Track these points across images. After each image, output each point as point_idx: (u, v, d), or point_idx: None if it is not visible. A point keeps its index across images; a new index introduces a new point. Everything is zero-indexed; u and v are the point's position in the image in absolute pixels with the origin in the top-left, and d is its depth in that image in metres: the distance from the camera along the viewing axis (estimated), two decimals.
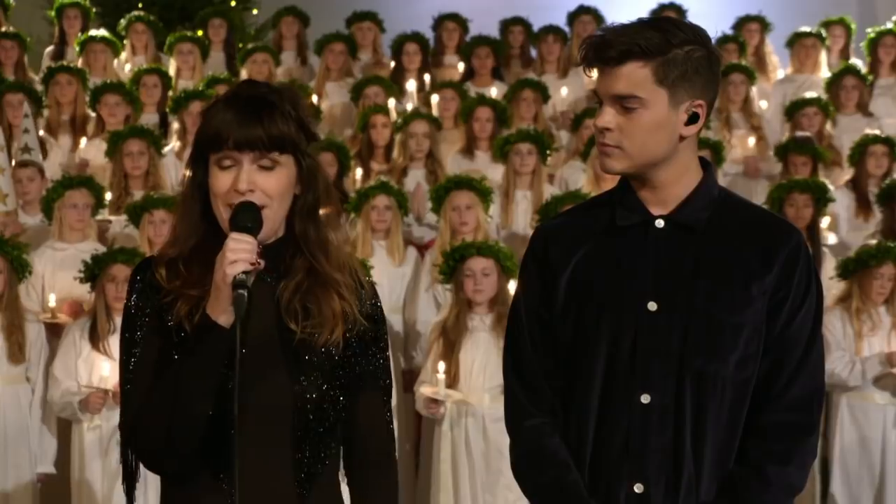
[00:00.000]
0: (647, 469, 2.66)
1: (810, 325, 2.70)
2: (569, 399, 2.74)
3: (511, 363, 2.85)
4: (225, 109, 2.50)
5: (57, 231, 6.72)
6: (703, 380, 2.65)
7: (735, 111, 8.83)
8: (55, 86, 8.73)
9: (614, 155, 2.68)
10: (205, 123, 2.51)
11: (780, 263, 2.67)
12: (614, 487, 2.68)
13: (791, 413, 2.68)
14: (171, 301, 2.51)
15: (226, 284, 2.39)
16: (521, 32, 10.26)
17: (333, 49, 9.70)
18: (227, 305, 2.39)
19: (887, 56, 9.41)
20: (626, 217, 2.73)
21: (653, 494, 2.66)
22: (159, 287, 2.53)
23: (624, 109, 2.64)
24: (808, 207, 6.84)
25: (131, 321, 2.55)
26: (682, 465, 2.65)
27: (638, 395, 2.66)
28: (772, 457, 2.66)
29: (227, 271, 2.38)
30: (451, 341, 5.87)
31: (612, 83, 2.63)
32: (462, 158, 8.24)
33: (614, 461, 2.68)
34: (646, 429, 2.66)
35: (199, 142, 2.53)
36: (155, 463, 2.54)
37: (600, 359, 2.69)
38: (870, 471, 6.14)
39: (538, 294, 2.79)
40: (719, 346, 2.66)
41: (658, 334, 2.66)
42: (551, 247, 2.79)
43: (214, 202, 2.52)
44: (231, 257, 2.38)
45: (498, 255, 5.96)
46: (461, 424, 5.89)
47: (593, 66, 2.66)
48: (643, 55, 2.60)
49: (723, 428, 2.67)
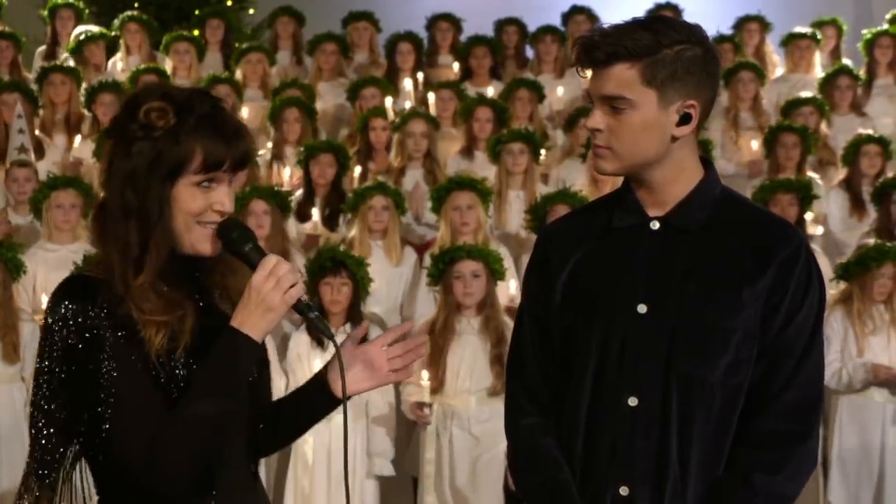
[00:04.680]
0: (633, 472, 2.65)
1: (808, 331, 2.66)
2: (561, 400, 2.74)
3: (512, 363, 2.86)
4: (204, 129, 2.46)
5: (46, 232, 6.72)
6: (690, 384, 2.63)
7: (744, 110, 8.82)
8: (49, 86, 8.75)
9: (605, 156, 2.67)
10: (184, 146, 2.44)
11: (777, 267, 2.63)
12: (601, 489, 2.67)
13: (783, 420, 2.64)
14: (136, 328, 2.43)
15: (286, 307, 2.45)
16: (516, 33, 10.26)
17: (325, 49, 9.70)
18: (272, 326, 2.45)
19: (884, 56, 9.42)
20: (623, 218, 2.73)
21: (638, 497, 2.65)
22: (127, 315, 2.44)
23: (613, 110, 2.63)
24: (793, 206, 6.84)
25: (90, 350, 2.41)
26: (667, 468, 2.63)
27: (626, 397, 2.65)
28: (760, 465, 2.62)
29: (293, 294, 2.44)
30: (439, 344, 5.86)
31: (601, 84, 2.63)
32: (461, 159, 8.24)
33: (602, 463, 2.67)
34: (632, 431, 2.65)
35: (178, 163, 2.45)
36: (174, 488, 2.45)
37: (591, 360, 2.69)
38: (868, 469, 6.14)
39: (538, 295, 2.80)
40: (708, 349, 2.63)
41: (647, 337, 2.65)
42: (551, 249, 2.80)
43: (178, 219, 2.48)
44: (291, 279, 2.44)
45: (487, 257, 5.95)
46: (447, 426, 5.90)
47: (583, 67, 2.66)
48: (630, 56, 2.58)
49: (711, 433, 2.64)
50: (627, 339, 2.66)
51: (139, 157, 2.45)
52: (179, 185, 2.46)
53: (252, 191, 6.79)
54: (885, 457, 6.12)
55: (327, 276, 5.89)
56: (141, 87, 2.53)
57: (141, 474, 2.41)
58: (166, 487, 2.43)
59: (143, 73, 9.02)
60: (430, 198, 7.07)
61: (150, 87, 2.56)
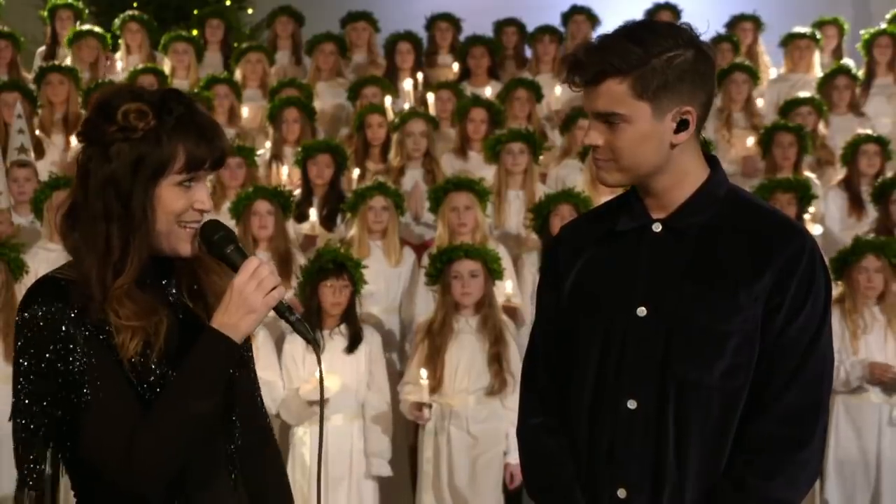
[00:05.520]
0: (630, 475, 2.65)
1: (811, 333, 2.61)
2: (565, 401, 2.75)
3: (526, 374, 2.87)
4: (184, 129, 2.47)
5: (48, 232, 6.72)
6: (686, 387, 2.61)
7: (737, 110, 8.83)
8: (47, 86, 8.75)
9: (607, 168, 2.67)
10: (167, 147, 2.45)
11: (777, 268, 2.60)
12: (599, 491, 2.68)
13: (782, 425, 2.59)
14: (110, 332, 2.43)
15: (267, 309, 2.46)
16: (515, 33, 10.27)
17: (324, 49, 9.71)
18: (252, 328, 2.47)
19: (882, 56, 9.43)
20: (626, 222, 2.72)
21: (635, 500, 2.64)
22: (102, 319, 2.43)
23: (608, 125, 2.62)
24: (792, 206, 6.85)
25: (60, 351, 2.40)
26: (664, 472, 2.62)
27: (624, 400, 2.65)
28: (755, 470, 2.59)
29: (275, 296, 2.46)
30: (437, 343, 5.87)
31: (592, 101, 2.62)
32: (455, 158, 8.25)
33: (601, 465, 2.68)
34: (630, 434, 2.64)
35: (161, 164, 2.46)
36: (151, 488, 2.45)
37: (592, 363, 2.69)
38: (865, 470, 6.14)
39: (549, 305, 2.82)
40: (705, 353, 2.60)
41: (645, 340, 2.64)
42: (560, 251, 2.82)
43: (161, 221, 2.48)
44: (273, 282, 2.45)
45: (485, 257, 5.96)
46: (445, 426, 5.90)
47: (573, 85, 2.64)
48: (619, 72, 2.56)
49: (710, 436, 2.61)
50: (626, 342, 2.66)
51: (118, 159, 2.45)
52: (162, 185, 2.47)
53: (256, 191, 6.77)
54: (882, 458, 6.12)
55: (329, 279, 5.88)
56: (109, 89, 2.49)
57: (119, 475, 2.41)
58: (144, 488, 2.42)
59: (141, 73, 9.02)
60: (428, 198, 7.07)
61: (120, 89, 2.54)
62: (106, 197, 2.46)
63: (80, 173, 2.52)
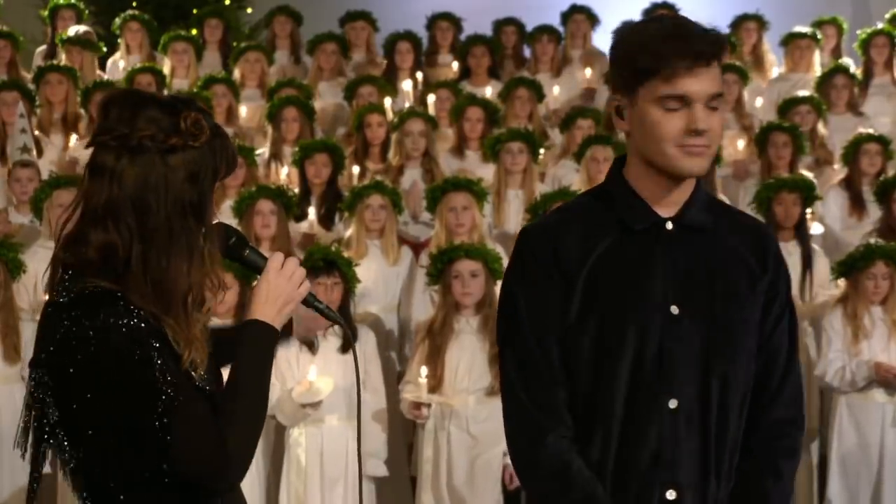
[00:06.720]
0: (679, 475, 2.64)
1: (793, 324, 2.78)
2: (590, 407, 2.65)
3: (523, 379, 2.69)
4: (221, 139, 2.54)
5: (48, 231, 6.69)
6: (725, 381, 2.66)
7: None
8: (46, 85, 8.76)
9: (707, 155, 2.63)
10: (217, 156, 2.52)
11: (772, 262, 2.74)
12: (645, 496, 2.64)
13: (789, 408, 2.75)
14: (168, 340, 2.44)
15: (300, 298, 2.66)
16: (514, 33, 10.28)
17: (325, 49, 9.72)
18: (287, 318, 2.64)
19: (880, 56, 9.44)
20: (636, 219, 2.67)
21: (685, 499, 2.64)
22: (159, 330, 2.43)
23: (710, 109, 2.61)
24: (797, 206, 6.85)
25: (143, 360, 2.40)
26: (709, 467, 2.66)
27: (666, 400, 2.63)
28: (782, 452, 2.73)
29: (307, 286, 2.68)
30: (437, 343, 5.87)
31: (706, 83, 2.59)
32: (452, 158, 8.25)
33: (644, 469, 2.63)
34: (676, 434, 2.63)
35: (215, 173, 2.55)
36: (243, 478, 2.54)
37: (624, 364, 2.63)
38: (868, 469, 6.14)
39: (548, 298, 2.66)
40: (736, 346, 2.68)
41: (682, 338, 2.64)
42: (560, 248, 2.67)
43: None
44: (302, 274, 2.67)
45: (486, 257, 5.95)
46: (445, 426, 5.90)
47: (693, 65, 2.56)
48: (721, 55, 2.62)
49: (738, 427, 2.70)
50: (663, 341, 2.63)
51: (184, 169, 2.45)
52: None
53: (259, 190, 6.77)
54: (885, 457, 6.12)
55: (320, 276, 5.87)
56: (140, 95, 2.42)
57: (215, 474, 2.45)
58: (240, 479, 2.53)
59: (140, 72, 9.02)
60: (426, 198, 7.07)
61: (144, 96, 2.50)
62: (180, 208, 2.45)
63: (128, 183, 2.43)
